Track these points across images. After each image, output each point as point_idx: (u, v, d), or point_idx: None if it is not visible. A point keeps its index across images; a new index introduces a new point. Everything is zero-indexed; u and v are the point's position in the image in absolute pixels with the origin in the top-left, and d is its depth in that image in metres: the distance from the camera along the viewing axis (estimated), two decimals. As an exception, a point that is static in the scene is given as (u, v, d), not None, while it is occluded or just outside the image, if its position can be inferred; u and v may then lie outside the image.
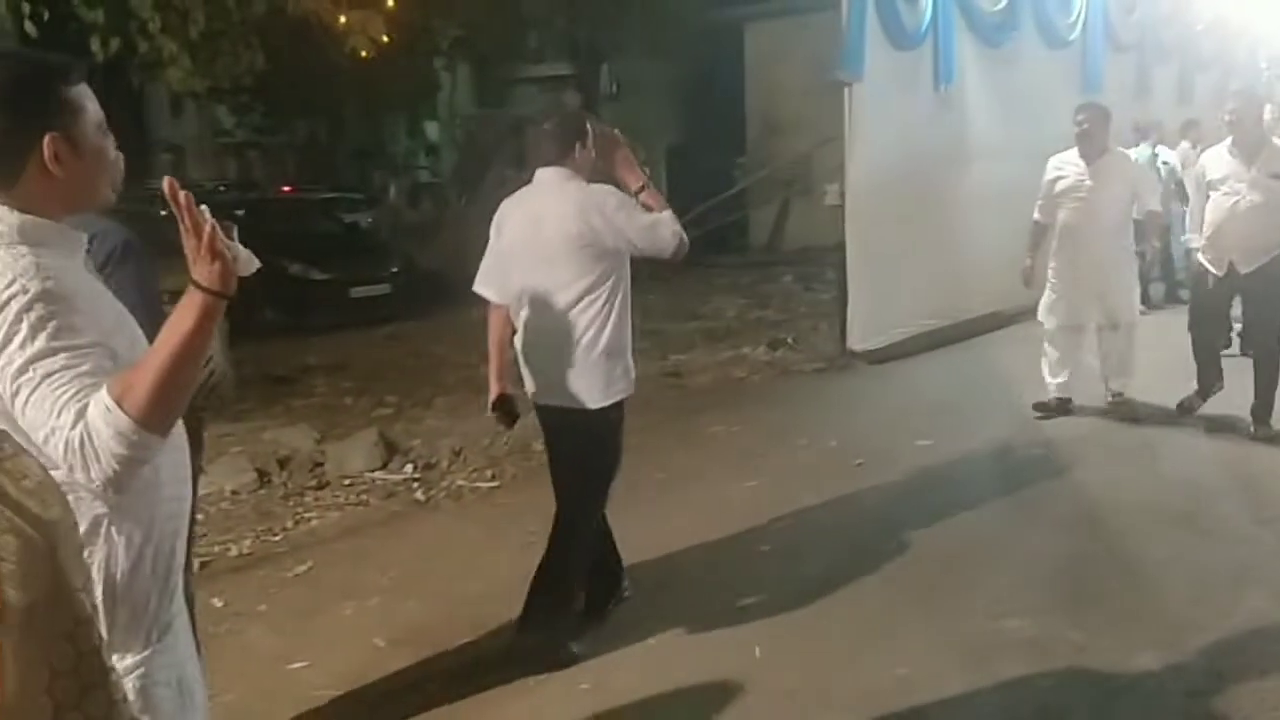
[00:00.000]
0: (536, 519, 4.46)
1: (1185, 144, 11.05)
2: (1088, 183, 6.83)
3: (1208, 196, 6.52)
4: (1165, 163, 10.40)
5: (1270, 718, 3.48)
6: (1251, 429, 6.38)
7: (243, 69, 9.14)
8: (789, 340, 9.96)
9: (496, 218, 4.07)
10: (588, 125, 4.01)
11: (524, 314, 3.97)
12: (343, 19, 8.43)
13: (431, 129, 24.52)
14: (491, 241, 4.07)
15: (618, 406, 3.98)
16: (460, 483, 6.20)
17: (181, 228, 1.68)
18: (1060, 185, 6.98)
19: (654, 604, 4.37)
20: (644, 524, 4.99)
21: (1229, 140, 6.48)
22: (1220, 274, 6.37)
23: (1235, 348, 7.28)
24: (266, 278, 1.96)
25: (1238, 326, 7.24)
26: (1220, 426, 6.54)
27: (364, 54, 8.75)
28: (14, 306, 1.67)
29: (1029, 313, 9.71)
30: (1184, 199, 8.27)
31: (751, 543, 5.09)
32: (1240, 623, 4.10)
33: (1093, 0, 11.32)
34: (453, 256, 12.50)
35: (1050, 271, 7.07)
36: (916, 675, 3.79)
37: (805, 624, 4.23)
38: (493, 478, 6.26)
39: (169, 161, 23.44)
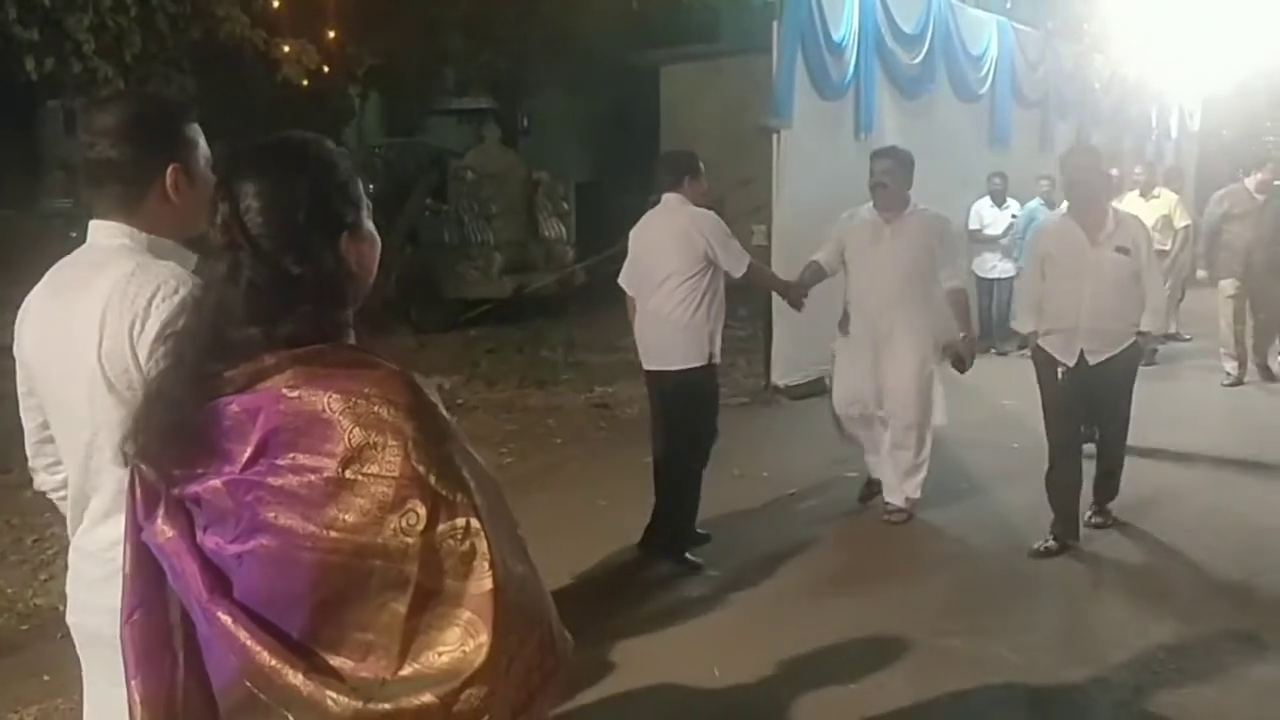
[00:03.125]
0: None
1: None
2: (882, 244, 5.76)
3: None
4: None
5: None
6: (1091, 511, 5.68)
7: (174, 92, 9.09)
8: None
9: (633, 231, 5.44)
10: (698, 161, 5.40)
11: (640, 301, 5.33)
12: (286, 48, 8.48)
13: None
14: (630, 249, 5.43)
15: (702, 370, 5.19)
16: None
17: None
18: (849, 244, 5.93)
19: (609, 625, 4.52)
20: (588, 551, 5.20)
21: (1065, 208, 5.61)
22: (1070, 364, 5.30)
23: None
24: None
25: None
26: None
27: (304, 83, 8.81)
28: (161, 297, 1.86)
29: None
30: None
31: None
32: (1159, 642, 4.42)
33: (1001, 57, 11.89)
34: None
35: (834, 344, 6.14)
36: (864, 689, 4.02)
37: (757, 642, 4.41)
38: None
39: (60, 179, 22.80)
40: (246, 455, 1.43)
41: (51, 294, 2.02)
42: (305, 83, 8.93)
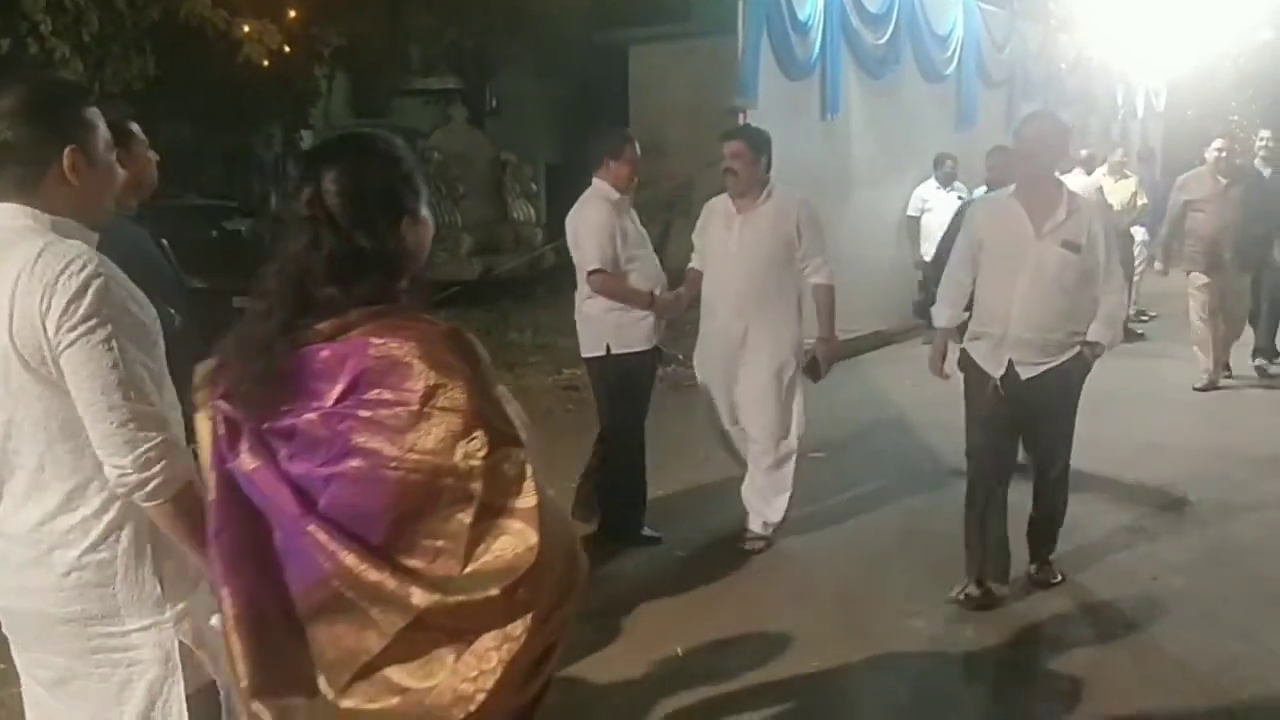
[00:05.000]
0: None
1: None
2: (733, 236, 5.10)
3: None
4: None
5: (1146, 691, 3.83)
6: (1031, 568, 4.73)
7: (134, 74, 8.98)
8: (679, 357, 10.17)
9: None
10: (623, 141, 5.14)
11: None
12: (246, 28, 8.38)
13: (306, 137, 24.10)
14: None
15: (600, 361, 5.15)
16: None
17: None
18: (705, 239, 5.35)
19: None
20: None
21: (1011, 191, 4.55)
22: (998, 376, 4.40)
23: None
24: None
25: None
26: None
27: (265, 63, 8.71)
28: (69, 274, 1.90)
29: (909, 332, 10.16)
30: None
31: (666, 548, 5.31)
32: (1113, 621, 4.50)
33: (967, 37, 11.92)
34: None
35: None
36: (826, 667, 4.05)
37: (720, 623, 4.43)
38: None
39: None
40: (337, 392, 1.75)
41: None
42: (267, 63, 8.81)
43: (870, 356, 9.79)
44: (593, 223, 5.01)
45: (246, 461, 1.79)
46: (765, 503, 5.25)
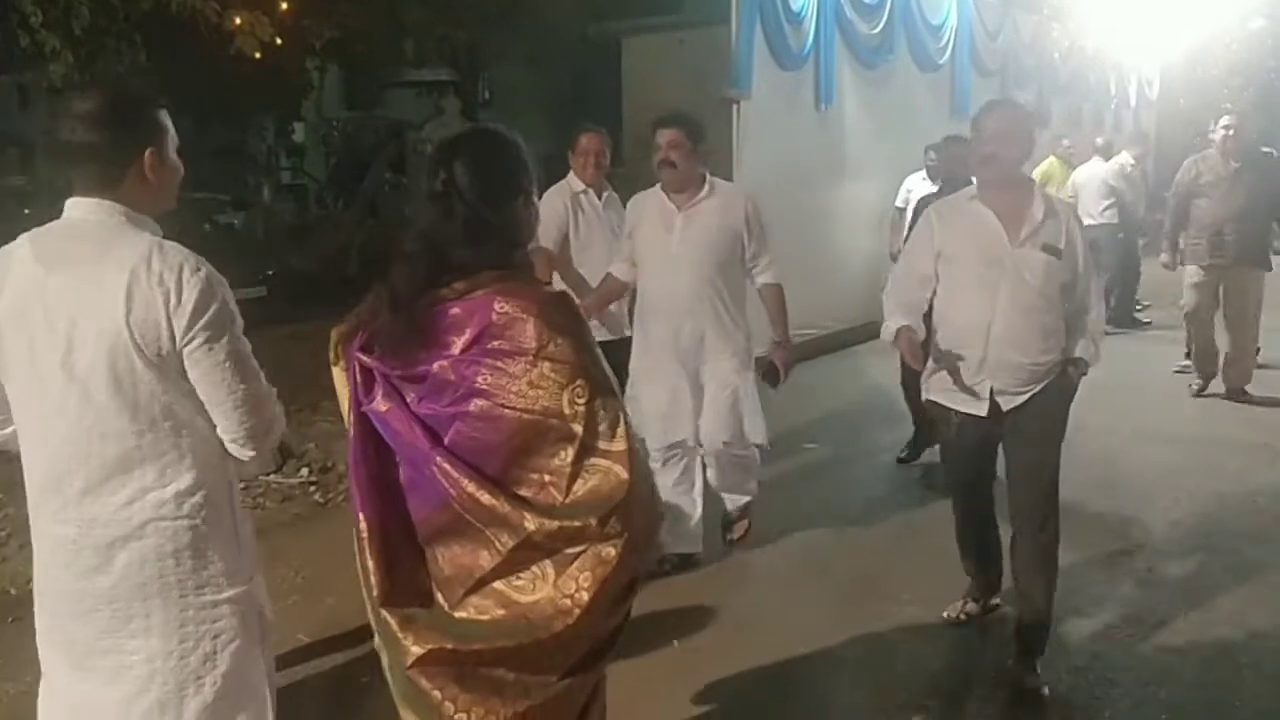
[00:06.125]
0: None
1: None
2: (674, 235, 4.57)
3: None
4: None
5: (1142, 689, 3.85)
6: (1021, 675, 3.89)
7: (125, 66, 8.94)
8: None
9: None
10: (579, 132, 5.30)
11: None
12: (238, 20, 8.34)
13: (298, 130, 24.04)
14: None
15: None
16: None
17: None
18: (636, 238, 4.75)
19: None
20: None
21: (972, 193, 3.86)
22: (982, 414, 3.80)
23: None
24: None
25: None
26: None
27: (257, 56, 8.66)
28: (188, 274, 2.14)
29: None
30: None
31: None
32: (1113, 608, 4.51)
33: (960, 26, 11.91)
34: (330, 258, 12.41)
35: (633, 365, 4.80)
36: (821, 655, 4.09)
37: (718, 612, 4.47)
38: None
39: (16, 156, 22.43)
40: (464, 342, 2.06)
41: (46, 265, 2.16)
42: (259, 55, 8.77)
43: (864, 347, 9.80)
44: (544, 212, 4.92)
45: (381, 404, 2.10)
46: (738, 480, 4.99)
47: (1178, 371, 8.67)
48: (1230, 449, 6.75)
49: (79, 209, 2.20)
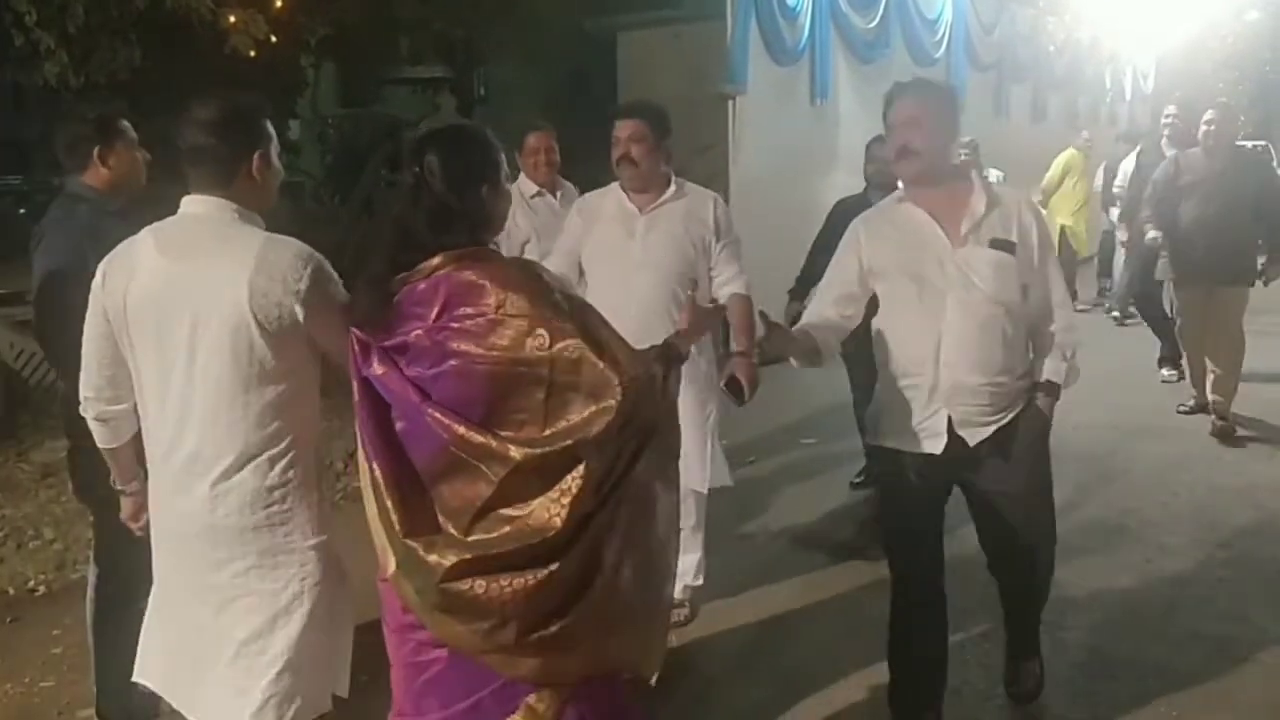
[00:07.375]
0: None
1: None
2: (634, 241, 4.05)
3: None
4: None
5: (1141, 683, 3.86)
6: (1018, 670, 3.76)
7: (119, 64, 8.92)
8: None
9: None
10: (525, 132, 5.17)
11: None
12: (232, 18, 8.31)
13: (294, 127, 23.96)
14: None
15: None
16: (357, 484, 6.21)
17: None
18: (587, 242, 4.18)
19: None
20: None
21: (898, 195, 3.36)
22: (937, 452, 3.20)
23: None
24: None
25: None
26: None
27: (252, 53, 8.64)
28: (303, 262, 2.43)
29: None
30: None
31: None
32: (1111, 602, 4.52)
33: (955, 19, 11.91)
34: (328, 255, 12.37)
35: None
36: (813, 646, 4.08)
37: (709, 605, 4.47)
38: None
39: (13, 157, 22.44)
40: (434, 313, 2.28)
41: (170, 256, 2.45)
42: (254, 53, 8.74)
43: (862, 341, 9.82)
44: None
45: (377, 369, 2.31)
46: (685, 558, 4.05)
47: (1183, 411, 7.50)
48: (1228, 442, 6.77)
49: (196, 205, 2.49)
